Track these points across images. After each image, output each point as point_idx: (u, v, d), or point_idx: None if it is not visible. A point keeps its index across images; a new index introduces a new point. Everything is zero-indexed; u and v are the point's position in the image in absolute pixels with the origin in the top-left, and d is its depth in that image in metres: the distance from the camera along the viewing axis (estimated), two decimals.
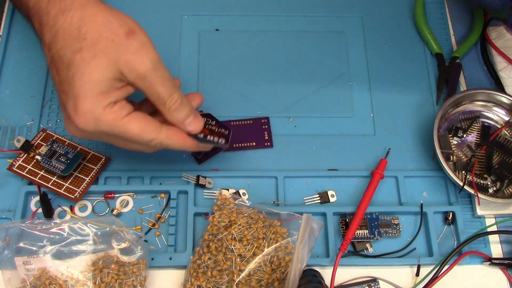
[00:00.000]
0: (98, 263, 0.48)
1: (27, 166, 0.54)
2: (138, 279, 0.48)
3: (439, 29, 0.68)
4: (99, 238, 0.49)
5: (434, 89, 0.63)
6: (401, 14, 0.69)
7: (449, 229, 0.55)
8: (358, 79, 0.64)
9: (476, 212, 0.55)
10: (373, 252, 0.53)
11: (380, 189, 0.56)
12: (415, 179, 0.58)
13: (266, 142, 0.59)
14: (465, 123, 0.60)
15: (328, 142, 0.59)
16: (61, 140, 0.56)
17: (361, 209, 0.53)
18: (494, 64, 0.65)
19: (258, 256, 0.49)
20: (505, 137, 0.58)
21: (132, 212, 0.54)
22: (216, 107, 0.60)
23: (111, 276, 0.47)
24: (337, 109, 0.62)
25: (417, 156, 0.59)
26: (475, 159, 0.56)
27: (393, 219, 0.55)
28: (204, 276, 0.48)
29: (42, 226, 0.49)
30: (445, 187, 0.57)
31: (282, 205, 0.55)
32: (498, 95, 0.59)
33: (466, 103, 0.60)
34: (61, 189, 0.53)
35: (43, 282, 0.47)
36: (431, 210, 0.55)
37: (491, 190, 0.56)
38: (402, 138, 0.60)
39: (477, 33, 0.66)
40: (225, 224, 0.50)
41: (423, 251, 0.54)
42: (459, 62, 0.64)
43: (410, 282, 0.52)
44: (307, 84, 0.63)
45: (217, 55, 0.65)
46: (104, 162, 0.56)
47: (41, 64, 0.62)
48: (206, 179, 0.56)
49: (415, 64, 0.65)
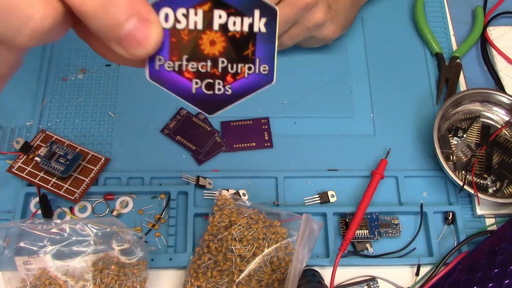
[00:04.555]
0: (98, 264, 0.48)
1: (26, 167, 0.54)
2: (138, 280, 0.48)
3: (439, 29, 0.68)
4: (99, 239, 0.49)
5: (434, 89, 0.63)
6: (401, 14, 0.69)
7: (449, 229, 0.55)
8: (358, 79, 0.64)
9: (476, 212, 0.55)
10: (373, 252, 0.53)
11: (380, 189, 0.56)
12: (415, 179, 0.58)
13: (266, 142, 0.59)
14: (465, 123, 0.60)
15: (328, 142, 0.59)
16: (60, 141, 0.56)
17: (361, 209, 0.53)
18: (494, 64, 0.65)
19: (258, 257, 0.49)
20: (505, 137, 0.58)
21: (132, 213, 0.54)
22: None
23: (111, 277, 0.47)
24: (337, 109, 0.62)
25: (417, 156, 0.59)
26: (475, 159, 0.56)
27: (393, 219, 0.55)
28: (204, 276, 0.48)
29: (43, 226, 0.49)
30: (445, 187, 0.57)
31: (282, 205, 0.55)
32: (498, 95, 0.59)
33: (466, 103, 0.60)
34: (61, 190, 0.53)
35: (43, 282, 0.47)
36: (431, 210, 0.55)
37: (491, 190, 0.56)
38: (402, 138, 0.60)
39: (477, 33, 0.66)
40: (225, 224, 0.50)
41: (423, 251, 0.54)
42: (459, 62, 0.64)
43: (410, 282, 0.52)
44: (307, 84, 0.63)
45: None
46: (104, 163, 0.56)
47: (40, 64, 0.62)
48: (206, 179, 0.56)
49: (415, 64, 0.65)
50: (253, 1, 0.26)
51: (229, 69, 0.27)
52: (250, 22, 0.26)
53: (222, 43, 0.27)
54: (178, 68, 0.27)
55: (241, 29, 0.26)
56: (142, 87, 0.61)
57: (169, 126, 0.59)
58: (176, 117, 0.59)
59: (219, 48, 0.27)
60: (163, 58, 0.26)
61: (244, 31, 0.27)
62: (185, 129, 0.58)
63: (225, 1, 0.26)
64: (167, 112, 0.60)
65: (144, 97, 0.61)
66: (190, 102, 0.28)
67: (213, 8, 0.26)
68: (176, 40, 0.26)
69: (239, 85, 0.28)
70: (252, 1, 0.26)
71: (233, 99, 0.29)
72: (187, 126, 0.59)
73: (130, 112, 0.60)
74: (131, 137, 0.58)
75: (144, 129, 0.59)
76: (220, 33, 0.26)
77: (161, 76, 0.27)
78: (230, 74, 0.28)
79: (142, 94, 0.61)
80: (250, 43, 0.27)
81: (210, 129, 0.59)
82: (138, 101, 0.60)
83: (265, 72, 0.28)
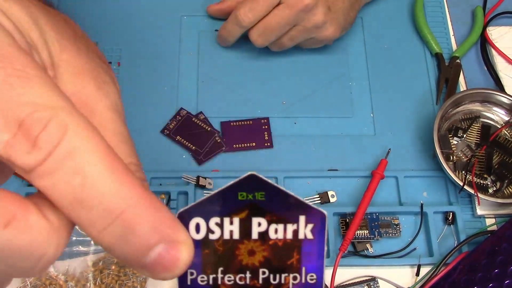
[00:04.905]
0: (99, 264, 0.48)
1: None
2: (138, 280, 0.48)
3: (439, 29, 0.68)
4: None
5: (434, 89, 0.63)
6: (401, 14, 0.69)
7: (449, 229, 0.55)
8: (358, 79, 0.64)
9: (476, 212, 0.55)
10: (373, 252, 0.53)
11: (380, 189, 0.56)
12: (415, 179, 0.58)
13: (266, 143, 0.59)
14: (465, 123, 0.60)
15: (328, 142, 0.59)
16: None
17: (361, 209, 0.53)
18: (494, 64, 0.65)
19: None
20: (505, 137, 0.58)
21: None
22: (216, 107, 0.60)
23: (111, 277, 0.47)
24: (337, 109, 0.62)
25: (417, 156, 0.59)
26: (475, 159, 0.56)
27: (393, 219, 0.55)
28: None
29: None
30: (445, 187, 0.57)
31: None
32: (498, 95, 0.59)
33: (466, 103, 0.60)
34: None
35: (44, 282, 0.47)
36: (431, 210, 0.55)
37: (491, 190, 0.56)
38: (402, 138, 0.60)
39: (477, 33, 0.66)
40: None
41: (423, 251, 0.54)
42: (459, 62, 0.64)
43: (411, 282, 0.52)
44: (307, 84, 0.63)
45: (217, 55, 0.65)
46: None
47: None
48: (206, 179, 0.56)
49: (415, 64, 0.65)
50: (297, 206, 0.23)
51: (271, 280, 0.24)
52: (295, 229, 0.23)
53: (263, 253, 0.24)
54: (213, 282, 0.24)
55: (284, 236, 0.23)
56: (142, 87, 0.61)
57: (169, 126, 0.59)
58: (176, 117, 0.59)
59: (259, 258, 0.24)
60: (195, 272, 0.24)
61: (287, 239, 0.23)
62: (185, 129, 0.58)
63: (264, 207, 0.23)
64: (167, 113, 0.60)
65: (144, 98, 0.61)
66: None
67: (251, 216, 0.23)
68: (210, 252, 0.23)
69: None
70: (296, 206, 0.23)
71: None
72: (187, 126, 0.59)
73: (130, 112, 0.60)
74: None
75: (144, 130, 0.59)
76: (259, 242, 0.23)
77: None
78: (272, 285, 0.24)
79: (142, 94, 0.61)
80: (294, 252, 0.24)
81: (210, 129, 0.59)
82: (138, 102, 0.60)
83: (312, 282, 0.24)
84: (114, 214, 0.18)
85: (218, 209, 0.23)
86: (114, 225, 0.18)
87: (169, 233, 0.19)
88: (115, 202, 0.18)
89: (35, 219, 0.18)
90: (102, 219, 0.18)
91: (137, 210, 0.19)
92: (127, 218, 0.19)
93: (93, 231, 0.19)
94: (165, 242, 0.19)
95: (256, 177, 0.24)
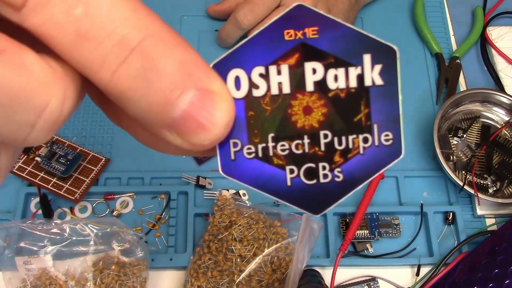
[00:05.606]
0: (99, 264, 0.48)
1: (27, 167, 0.54)
2: (138, 280, 0.48)
3: (439, 29, 0.68)
4: (99, 239, 0.49)
5: (434, 89, 0.63)
6: (401, 14, 0.69)
7: (449, 229, 0.55)
8: None
9: (476, 212, 0.55)
10: (373, 252, 0.53)
11: (380, 189, 0.56)
12: (415, 179, 0.58)
13: None
14: (465, 123, 0.60)
15: None
16: (61, 141, 0.56)
17: (361, 209, 0.53)
18: (494, 64, 0.65)
19: (258, 257, 0.49)
20: (505, 137, 0.58)
21: (132, 213, 0.54)
22: None
23: (111, 277, 0.47)
24: None
25: (417, 156, 0.59)
26: (475, 159, 0.56)
27: (393, 219, 0.55)
28: (205, 276, 0.48)
29: (43, 226, 0.49)
30: (445, 187, 0.57)
31: (283, 205, 0.55)
32: (498, 95, 0.59)
33: (466, 103, 0.60)
34: (61, 190, 0.53)
35: (44, 282, 0.47)
36: (431, 210, 0.55)
37: (491, 190, 0.56)
38: None
39: (477, 33, 0.66)
40: (225, 224, 0.50)
41: (423, 251, 0.54)
42: (459, 62, 0.64)
43: (411, 282, 0.52)
44: None
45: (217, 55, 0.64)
46: (104, 163, 0.56)
47: None
48: (206, 179, 0.56)
49: (415, 64, 0.65)
50: (360, 42, 0.19)
51: (336, 144, 0.19)
52: (359, 73, 0.19)
53: (322, 109, 0.19)
54: (262, 153, 0.19)
55: (346, 84, 0.19)
56: None
57: None
58: None
59: (318, 117, 0.19)
60: (240, 142, 0.19)
61: (351, 88, 0.19)
62: None
63: (319, 47, 0.18)
64: None
65: None
66: (285, 200, 0.19)
67: (304, 60, 0.18)
68: (256, 114, 0.19)
69: (354, 166, 0.20)
70: (359, 42, 0.19)
71: (347, 188, 0.20)
72: None
73: None
74: (131, 137, 0.58)
75: None
76: (317, 95, 0.19)
77: (240, 167, 0.19)
78: (338, 152, 0.19)
79: None
80: (362, 104, 0.19)
81: None
82: None
83: (388, 143, 0.19)
84: (129, 45, 0.14)
85: (261, 55, 0.18)
86: (131, 59, 0.15)
87: (202, 77, 0.16)
88: (129, 31, 0.15)
89: (32, 59, 0.14)
90: (115, 53, 0.14)
91: (159, 41, 0.15)
92: (147, 49, 0.15)
93: (105, 74, 0.15)
94: (196, 89, 0.15)
95: (305, 8, 0.19)
